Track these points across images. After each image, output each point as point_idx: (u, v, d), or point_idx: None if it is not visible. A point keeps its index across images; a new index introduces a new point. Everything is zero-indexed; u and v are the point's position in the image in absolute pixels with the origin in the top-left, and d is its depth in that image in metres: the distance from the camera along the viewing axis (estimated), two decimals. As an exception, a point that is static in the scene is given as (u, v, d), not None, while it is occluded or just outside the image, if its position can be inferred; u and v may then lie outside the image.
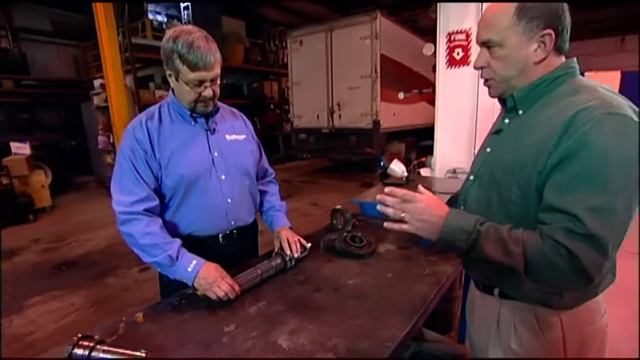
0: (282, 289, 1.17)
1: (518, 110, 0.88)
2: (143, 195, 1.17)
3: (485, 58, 0.87)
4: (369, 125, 6.72)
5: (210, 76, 1.14)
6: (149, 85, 7.49)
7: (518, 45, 0.81)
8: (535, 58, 0.82)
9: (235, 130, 1.38)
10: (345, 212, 1.74)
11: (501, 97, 0.92)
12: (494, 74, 0.87)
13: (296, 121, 7.86)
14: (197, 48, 1.08)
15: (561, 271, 0.70)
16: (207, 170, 1.26)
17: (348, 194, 6.18)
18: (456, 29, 2.28)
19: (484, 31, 0.86)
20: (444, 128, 2.49)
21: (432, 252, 1.43)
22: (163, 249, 1.12)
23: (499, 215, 0.86)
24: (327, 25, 6.90)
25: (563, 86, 0.82)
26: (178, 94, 1.21)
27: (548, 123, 0.77)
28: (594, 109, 0.71)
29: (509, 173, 0.82)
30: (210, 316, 1.01)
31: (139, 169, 1.17)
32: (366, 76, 6.54)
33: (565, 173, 0.72)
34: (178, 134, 1.24)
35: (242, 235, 1.40)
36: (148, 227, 1.14)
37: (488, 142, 0.98)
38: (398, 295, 1.11)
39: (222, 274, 1.11)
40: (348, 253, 1.41)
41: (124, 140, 1.20)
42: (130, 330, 0.95)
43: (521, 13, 0.79)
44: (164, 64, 1.17)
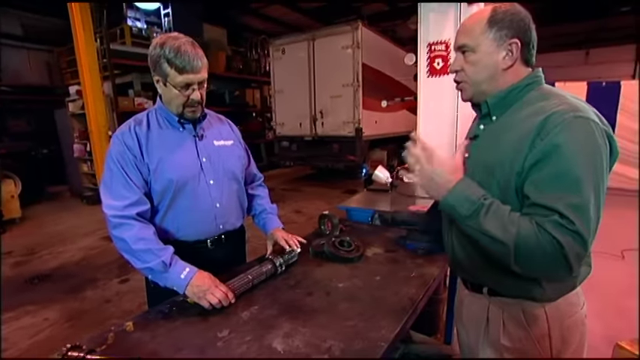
0: (273, 294, 1.17)
1: (492, 116, 0.94)
2: (135, 198, 1.16)
3: (459, 62, 0.95)
4: (352, 133, 6.81)
5: (197, 79, 1.16)
6: (128, 93, 7.32)
7: (489, 51, 0.89)
8: (503, 64, 0.89)
9: (223, 136, 1.40)
10: (333, 218, 1.76)
11: (475, 104, 0.99)
12: (467, 77, 0.94)
13: (278, 128, 7.87)
14: (184, 52, 1.11)
15: (549, 259, 0.75)
16: (195, 175, 1.26)
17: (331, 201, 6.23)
18: (436, 40, 2.37)
19: (461, 37, 0.93)
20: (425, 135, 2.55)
21: (418, 255, 1.47)
22: (157, 255, 1.11)
23: None
24: (309, 34, 6.99)
25: (532, 93, 0.89)
26: (167, 99, 1.21)
27: (522, 125, 0.83)
28: (564, 113, 0.78)
29: (490, 174, 0.87)
30: (203, 323, 1.00)
31: (129, 173, 1.16)
32: (348, 84, 6.64)
33: (543, 173, 0.78)
34: (166, 140, 1.24)
35: (230, 240, 1.40)
36: (141, 232, 1.13)
37: (466, 147, 1.03)
38: (387, 296, 1.14)
39: (215, 282, 1.11)
40: (337, 257, 1.43)
41: (112, 146, 1.19)
42: (119, 339, 0.92)
43: (492, 22, 0.88)
44: (152, 71, 1.18)
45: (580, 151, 0.76)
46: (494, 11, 0.88)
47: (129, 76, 7.49)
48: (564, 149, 0.75)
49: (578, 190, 0.75)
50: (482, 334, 1.00)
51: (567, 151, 0.75)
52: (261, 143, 10.30)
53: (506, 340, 0.95)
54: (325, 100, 7.03)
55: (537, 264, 0.78)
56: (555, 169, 0.76)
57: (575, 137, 0.76)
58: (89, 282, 3.30)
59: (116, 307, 2.85)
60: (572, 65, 11.96)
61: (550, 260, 0.75)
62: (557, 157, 0.76)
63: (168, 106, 1.23)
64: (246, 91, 10.58)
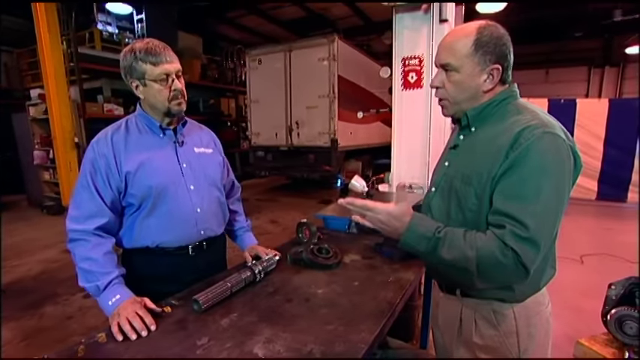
0: (252, 301, 1.16)
1: (471, 127, 0.99)
2: (96, 211, 1.15)
3: (441, 79, 0.98)
4: (327, 144, 6.89)
5: (174, 68, 1.18)
6: (97, 98, 7.04)
7: (472, 73, 0.93)
8: (484, 87, 0.94)
9: (203, 144, 1.40)
10: (311, 225, 1.77)
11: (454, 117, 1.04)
12: (448, 95, 0.98)
13: (254, 138, 7.83)
14: (154, 46, 1.15)
15: (506, 269, 0.81)
16: (175, 181, 1.25)
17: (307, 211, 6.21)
18: (410, 55, 2.49)
19: (444, 55, 0.96)
20: (399, 146, 2.66)
21: (394, 261, 1.50)
22: (97, 277, 1.09)
23: (457, 222, 0.96)
24: (286, 45, 7.07)
25: (508, 106, 0.95)
26: (150, 99, 1.20)
27: (499, 137, 0.89)
28: (535, 128, 0.84)
29: (468, 183, 0.93)
30: (180, 331, 0.97)
31: (97, 185, 1.15)
32: (324, 95, 6.75)
33: (509, 181, 0.84)
34: (146, 145, 1.22)
35: (211, 247, 1.39)
36: (91, 252, 1.11)
37: (447, 156, 1.09)
38: (366, 301, 1.16)
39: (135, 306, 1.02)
40: (316, 264, 1.44)
41: (87, 153, 1.17)
42: (91, 351, 0.88)
43: (477, 45, 0.91)
44: (127, 79, 1.18)
45: (544, 163, 0.82)
46: (480, 33, 0.90)
47: (98, 81, 7.21)
48: (530, 161, 0.82)
49: (537, 198, 0.81)
50: (456, 333, 1.04)
51: (532, 163, 0.82)
52: (235, 153, 10.18)
53: (477, 338, 0.99)
54: (301, 111, 7.09)
55: (498, 276, 0.85)
56: (518, 178, 0.83)
57: (542, 151, 0.82)
58: (49, 297, 3.09)
59: (79, 324, 2.68)
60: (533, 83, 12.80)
61: (509, 270, 0.81)
62: (522, 168, 0.82)
63: (153, 109, 1.23)
64: (221, 100, 10.48)
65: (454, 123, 1.08)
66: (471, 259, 0.83)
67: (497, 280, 0.88)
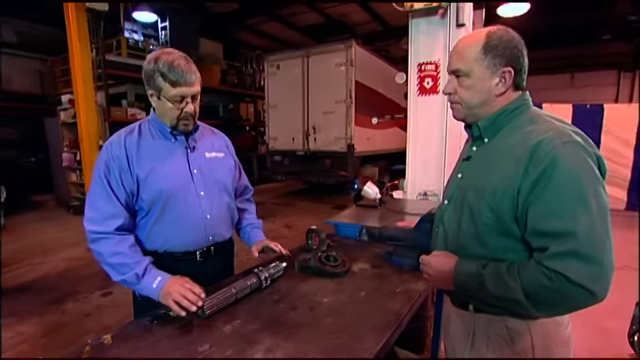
0: (257, 308, 1.16)
1: (484, 139, 0.97)
2: (114, 212, 1.17)
3: (453, 85, 0.97)
4: (344, 149, 6.88)
5: (190, 92, 1.17)
6: (121, 103, 7.32)
7: (483, 77, 0.91)
8: (496, 91, 0.92)
9: (215, 148, 1.41)
10: (320, 232, 1.76)
11: (467, 125, 1.02)
12: (460, 100, 0.96)
13: (271, 143, 7.91)
14: (177, 66, 1.13)
15: (561, 293, 0.75)
16: (185, 186, 1.26)
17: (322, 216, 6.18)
18: (426, 60, 2.45)
19: (454, 61, 0.95)
20: (415, 153, 2.61)
21: (404, 270, 1.47)
22: (131, 267, 1.13)
23: (467, 234, 0.93)
24: (304, 51, 7.13)
25: (521, 116, 0.92)
26: (161, 112, 1.23)
27: (514, 149, 0.86)
28: (552, 139, 0.80)
29: (481, 197, 0.90)
30: (184, 337, 0.98)
31: (112, 185, 1.17)
32: (341, 101, 6.75)
33: (542, 199, 0.79)
34: (158, 150, 1.24)
35: (219, 252, 1.40)
36: (117, 246, 1.14)
37: (459, 168, 1.06)
38: (372, 311, 1.13)
39: (182, 281, 1.11)
40: (323, 272, 1.43)
41: (101, 155, 1.20)
42: (97, 353, 0.90)
43: (486, 49, 0.90)
44: (146, 85, 1.20)
45: (574, 173, 0.78)
46: (489, 37, 0.90)
47: (123, 86, 7.51)
48: (559, 174, 0.77)
49: (578, 210, 0.76)
50: (468, 349, 1.00)
51: (562, 175, 0.77)
52: (253, 157, 10.32)
53: (490, 354, 0.95)
54: (318, 116, 7.12)
55: (557, 302, 0.79)
56: (551, 193, 0.78)
57: (568, 161, 0.78)
58: (70, 294, 3.21)
59: (95, 322, 2.76)
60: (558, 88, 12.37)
61: (567, 294, 0.75)
62: (552, 182, 0.78)
63: (162, 119, 1.25)
64: (240, 105, 10.66)
65: (466, 130, 1.05)
66: (516, 290, 0.79)
67: (562, 308, 0.82)
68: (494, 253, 0.88)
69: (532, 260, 0.80)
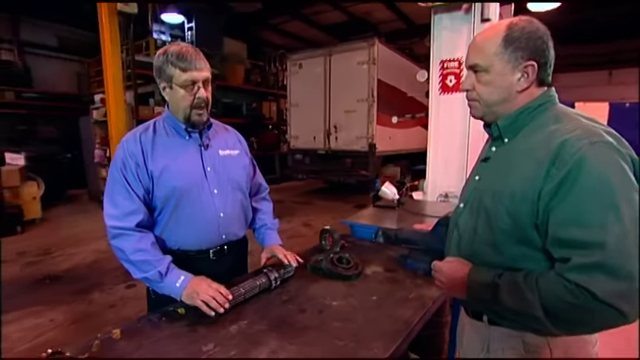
0: (265, 309, 1.15)
1: (504, 138, 0.90)
2: (134, 208, 1.17)
3: (471, 81, 0.90)
4: (365, 148, 6.80)
5: (201, 77, 1.18)
6: (149, 102, 7.58)
7: (503, 72, 0.84)
8: (518, 87, 0.85)
9: (229, 146, 1.40)
10: (334, 233, 1.73)
11: (486, 124, 0.95)
12: (479, 97, 0.90)
13: (293, 141, 7.94)
14: (186, 52, 1.16)
15: (582, 311, 0.68)
16: (199, 184, 1.26)
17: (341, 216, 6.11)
18: (449, 57, 2.36)
19: (472, 55, 0.89)
20: (436, 152, 2.53)
21: (418, 274, 1.42)
22: (154, 265, 1.13)
23: (483, 241, 0.88)
24: (326, 50, 7.11)
25: (544, 114, 0.85)
26: (174, 102, 1.22)
27: (534, 152, 0.79)
28: (578, 139, 0.73)
29: (498, 201, 0.83)
30: (190, 335, 0.99)
31: (130, 181, 1.18)
32: (363, 100, 6.68)
33: (565, 204, 0.72)
34: (172, 147, 1.25)
35: (232, 251, 1.39)
36: (140, 243, 1.15)
37: (477, 169, 1.00)
38: (382, 318, 1.10)
39: (209, 282, 1.13)
40: (335, 274, 1.40)
41: (117, 152, 1.21)
42: (104, 347, 0.92)
43: (507, 42, 0.83)
44: (157, 79, 1.21)
45: (603, 176, 0.70)
46: (510, 29, 0.83)
47: (150, 86, 7.76)
48: (585, 177, 0.70)
49: (607, 217, 0.68)
50: (482, 360, 0.95)
51: (589, 178, 0.70)
52: (275, 155, 10.41)
53: None
54: (340, 115, 7.08)
55: (576, 321, 0.72)
56: (575, 199, 0.71)
57: (597, 163, 0.70)
58: (97, 285, 3.36)
59: (118, 313, 2.87)
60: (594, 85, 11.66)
61: (585, 312, 0.68)
62: (577, 186, 0.70)
63: (175, 112, 1.25)
64: (263, 103, 10.78)
65: (486, 130, 0.99)
66: (534, 304, 0.72)
67: (586, 327, 0.74)
68: (512, 262, 0.82)
69: (552, 271, 0.73)
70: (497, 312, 0.84)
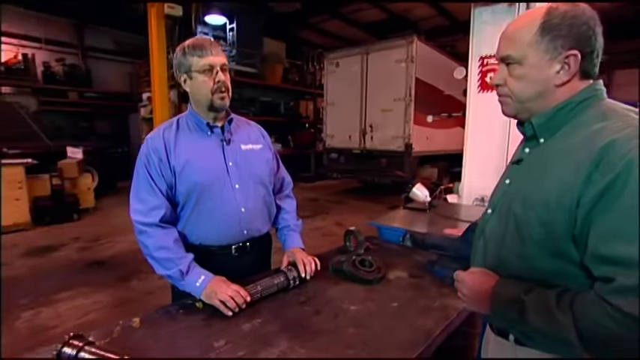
0: (280, 309, 1.14)
1: (539, 138, 0.81)
2: (157, 203, 1.21)
3: (503, 75, 0.82)
4: (401, 148, 6.63)
5: (218, 61, 1.21)
6: (191, 100, 7.94)
7: (539, 64, 0.75)
8: (557, 80, 0.75)
9: (251, 140, 1.40)
10: (358, 234, 1.69)
11: (519, 122, 0.86)
12: (511, 93, 0.81)
13: (328, 140, 7.94)
14: (202, 40, 1.23)
15: (623, 340, 0.59)
16: (220, 179, 1.27)
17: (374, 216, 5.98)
18: (489, 53, 2.21)
19: (504, 46, 0.80)
20: (473, 154, 2.39)
21: (446, 283, 1.34)
22: (176, 263, 1.16)
23: (512, 252, 0.79)
24: (363, 48, 7.01)
25: (588, 110, 0.74)
26: (195, 91, 1.24)
27: (576, 152, 0.69)
28: (629, 139, 0.63)
29: (530, 208, 0.75)
30: (204, 329, 1.00)
31: (153, 177, 1.21)
32: (400, 99, 6.51)
33: (610, 214, 0.62)
34: (194, 143, 1.27)
35: (255, 247, 1.39)
36: (163, 241, 1.18)
37: (508, 172, 0.91)
38: (400, 326, 1.04)
39: (227, 283, 1.14)
40: (356, 277, 1.36)
41: (142, 149, 1.25)
42: (124, 334, 0.96)
43: (545, 30, 0.74)
44: (177, 74, 1.26)
45: None
46: (549, 15, 0.74)
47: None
48: (633, 186, 0.60)
49: None
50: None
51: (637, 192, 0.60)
52: (311, 154, 10.48)
53: None
54: (376, 114, 6.96)
55: (615, 351, 0.62)
56: (623, 208, 0.61)
57: None
58: (136, 273, 3.56)
59: (156, 300, 3.02)
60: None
61: (627, 342, 0.59)
62: (625, 195, 0.61)
63: (197, 103, 1.27)
64: (301, 102, 10.90)
65: (519, 129, 0.90)
66: (566, 327, 0.64)
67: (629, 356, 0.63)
68: (543, 277, 0.73)
69: (592, 292, 0.64)
70: (524, 332, 0.76)
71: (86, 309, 2.91)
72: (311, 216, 6.13)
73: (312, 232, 5.00)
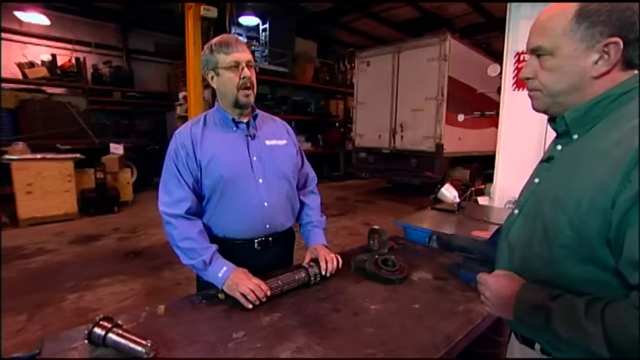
0: (300, 304, 1.14)
1: (572, 135, 0.75)
2: (183, 195, 1.25)
3: (533, 68, 0.77)
4: (432, 148, 6.46)
5: (244, 58, 1.25)
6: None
7: (574, 54, 0.70)
8: (594, 71, 0.69)
9: (276, 136, 1.42)
10: (382, 233, 1.66)
11: (550, 118, 0.81)
12: (542, 86, 0.76)
13: (357, 139, 7.88)
14: (228, 38, 1.28)
15: None
16: (245, 173, 1.30)
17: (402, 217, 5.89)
18: (526, 49, 2.10)
19: (534, 36, 0.75)
20: (506, 154, 2.28)
21: (471, 287, 1.29)
22: (199, 254, 1.20)
23: (539, 257, 0.74)
24: (394, 47, 6.89)
25: (630, 104, 0.68)
26: (222, 87, 1.29)
27: (610, 151, 0.64)
28: None
29: (560, 210, 0.69)
30: (224, 320, 1.03)
31: (180, 171, 1.26)
32: (432, 98, 6.33)
33: None
34: (220, 138, 1.31)
35: (278, 242, 1.41)
36: (187, 231, 1.23)
37: (538, 171, 0.86)
38: (421, 329, 1.02)
39: (248, 276, 1.16)
40: (377, 277, 1.34)
41: (171, 144, 1.31)
42: (149, 320, 1.00)
43: (581, 16, 0.68)
44: (205, 71, 1.30)
45: None
46: None
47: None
48: None
49: None
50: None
51: None
52: (340, 153, 10.46)
53: None
54: (406, 114, 6.82)
55: None
56: None
57: None
58: (167, 264, 3.72)
59: (184, 291, 3.15)
60: None
61: None
62: None
63: (224, 98, 1.32)
64: (331, 101, 10.89)
65: (549, 122, 0.83)
66: (596, 338, 0.59)
67: None
68: (573, 284, 0.68)
69: (626, 301, 0.59)
70: (549, 340, 0.71)
71: (123, 295, 3.09)
72: (339, 215, 6.12)
73: (339, 231, 5.00)
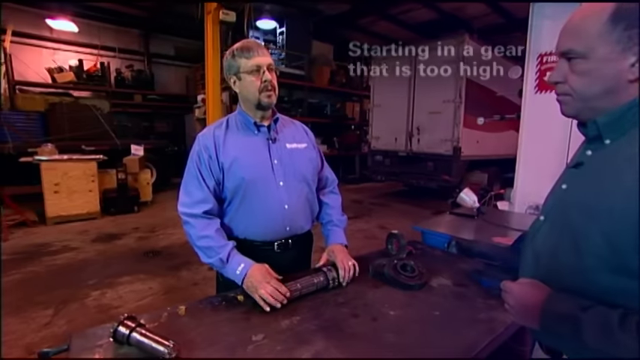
0: (318, 308, 1.14)
1: (604, 140, 0.72)
2: (203, 197, 1.28)
3: (563, 71, 0.74)
4: (449, 152, 6.37)
5: (265, 62, 1.27)
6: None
7: (609, 57, 0.67)
8: (630, 74, 0.67)
9: (296, 139, 1.44)
10: (401, 238, 1.64)
11: (580, 123, 0.78)
12: (573, 91, 0.73)
13: (373, 142, 7.85)
14: (249, 42, 1.30)
15: None
16: (266, 176, 1.32)
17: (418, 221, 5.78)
18: (550, 50, 2.04)
19: (565, 39, 0.73)
20: (527, 158, 2.22)
21: (492, 295, 1.26)
22: (217, 252, 1.22)
23: (566, 265, 0.72)
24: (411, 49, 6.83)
25: None
26: (244, 91, 1.31)
27: None
28: None
29: (591, 219, 0.67)
30: (243, 322, 1.04)
31: (202, 173, 1.29)
32: (450, 100, 6.25)
33: None
34: (242, 141, 1.34)
35: (297, 244, 1.42)
36: (205, 230, 1.25)
37: (565, 177, 0.83)
38: (441, 337, 1.00)
39: (266, 277, 1.16)
40: (396, 282, 1.33)
41: (194, 146, 1.34)
42: (170, 320, 1.02)
43: (617, 17, 0.66)
44: (227, 77, 1.33)
45: None
46: None
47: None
48: None
49: None
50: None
51: None
52: (356, 155, 10.42)
53: None
54: (423, 116, 6.75)
55: None
56: None
57: None
58: (185, 264, 3.79)
59: (200, 291, 3.20)
60: None
61: None
62: None
63: (246, 102, 1.34)
64: (347, 104, 10.89)
65: (579, 129, 0.80)
66: (631, 350, 0.58)
67: None
68: (603, 295, 0.66)
69: None
70: (576, 349, 0.69)
71: (143, 293, 3.16)
72: (354, 218, 6.10)
73: (354, 234, 4.97)
